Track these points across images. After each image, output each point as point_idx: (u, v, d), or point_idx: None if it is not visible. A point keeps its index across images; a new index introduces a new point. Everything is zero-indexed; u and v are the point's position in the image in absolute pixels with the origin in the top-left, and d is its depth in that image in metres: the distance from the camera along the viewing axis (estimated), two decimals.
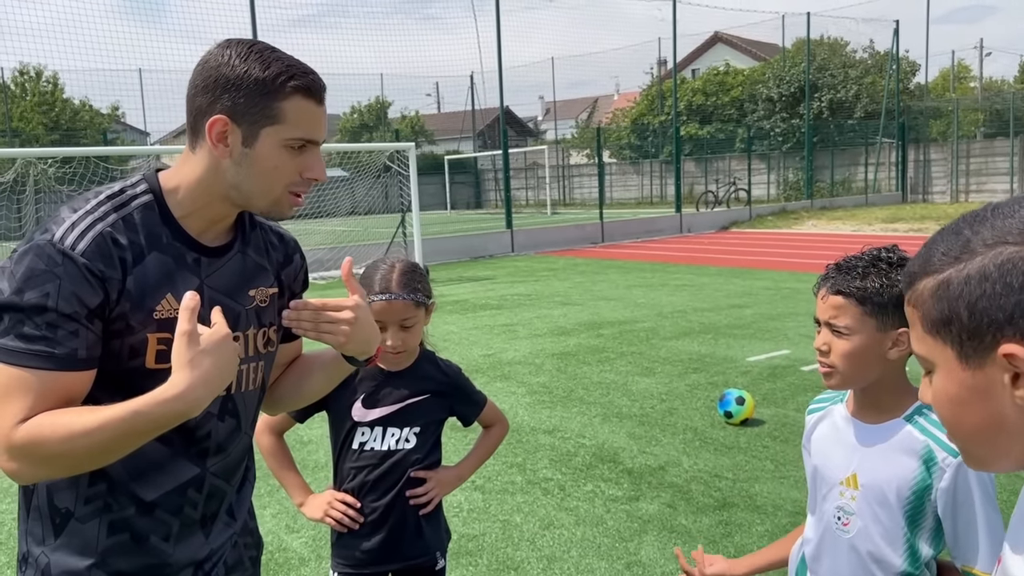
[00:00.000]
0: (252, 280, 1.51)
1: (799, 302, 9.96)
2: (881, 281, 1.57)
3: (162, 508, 1.44)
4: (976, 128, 29.21)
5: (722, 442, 5.11)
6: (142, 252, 1.35)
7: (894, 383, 1.61)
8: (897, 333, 1.56)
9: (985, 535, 1.50)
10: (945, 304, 0.79)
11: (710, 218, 22.79)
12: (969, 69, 46.94)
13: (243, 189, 1.39)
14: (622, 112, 38.90)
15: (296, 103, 1.34)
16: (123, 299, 1.33)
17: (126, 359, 1.35)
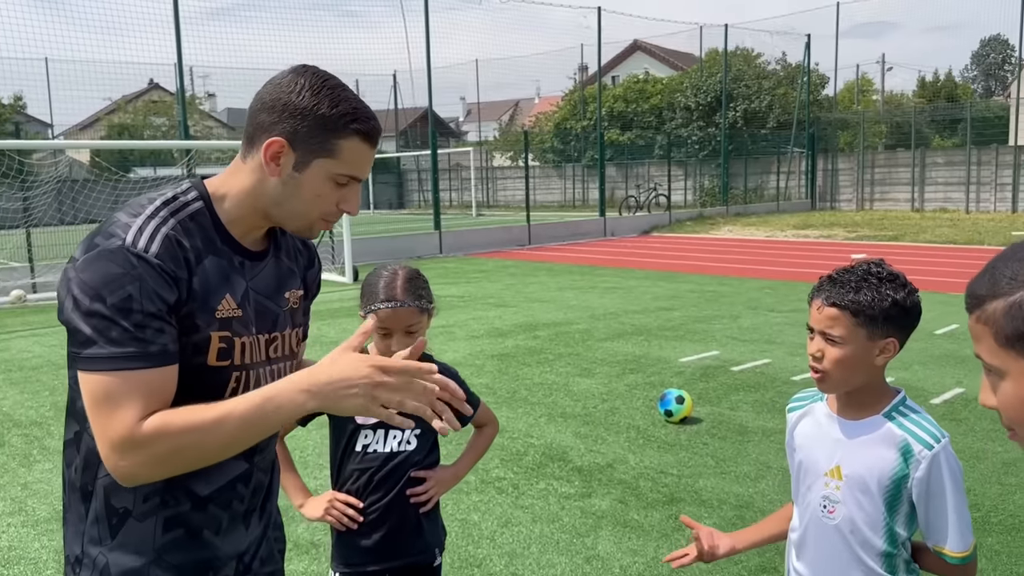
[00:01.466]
0: (286, 283, 1.61)
1: (723, 305, 10.38)
2: (872, 295, 1.71)
3: (214, 503, 1.51)
4: (879, 140, 30.80)
5: (664, 440, 5.34)
6: (200, 255, 1.43)
7: (877, 386, 1.79)
8: (884, 342, 1.72)
9: (955, 519, 1.69)
10: (1019, 322, 0.96)
11: (632, 222, 23.35)
12: (872, 83, 49.34)
13: (283, 208, 1.48)
14: (545, 116, 39.37)
15: (353, 144, 1.44)
16: (190, 299, 1.40)
17: (190, 356, 1.42)
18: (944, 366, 7.02)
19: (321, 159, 1.43)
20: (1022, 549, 3.73)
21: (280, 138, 1.42)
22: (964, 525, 1.70)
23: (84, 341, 1.32)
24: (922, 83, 48.03)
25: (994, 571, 3.54)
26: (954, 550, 1.70)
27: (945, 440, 1.72)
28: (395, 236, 18.82)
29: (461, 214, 30.85)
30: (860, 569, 1.78)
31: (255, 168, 1.46)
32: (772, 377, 6.79)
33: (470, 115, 53.43)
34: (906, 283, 1.75)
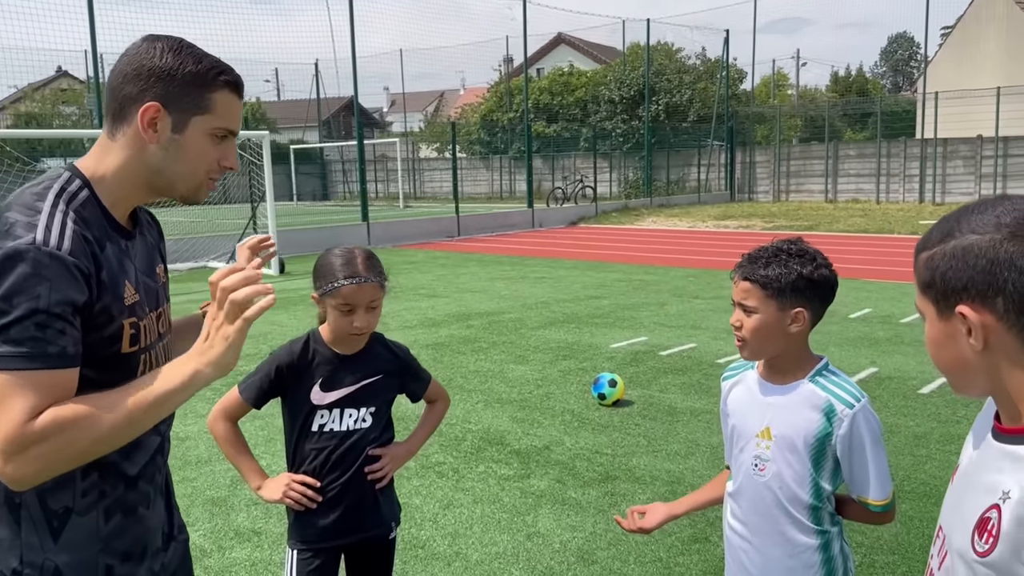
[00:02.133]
0: (154, 259, 1.63)
1: (650, 293, 10.65)
2: (780, 270, 1.86)
3: (143, 479, 1.55)
4: (795, 133, 31.87)
5: (598, 422, 5.49)
6: (101, 244, 1.42)
7: (798, 351, 1.93)
8: (794, 312, 1.87)
9: (875, 471, 1.86)
10: (929, 273, 1.11)
11: (560, 214, 23.61)
12: (787, 77, 50.96)
13: (167, 174, 1.48)
14: (471, 108, 39.34)
15: (224, 96, 1.48)
16: (101, 292, 1.39)
17: (106, 348, 1.42)
18: (858, 347, 7.39)
19: (198, 116, 1.46)
20: (932, 513, 4.00)
21: (154, 102, 1.42)
22: (884, 476, 1.87)
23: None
24: (835, 78, 49.90)
25: (908, 535, 3.79)
26: (876, 499, 1.87)
27: (864, 400, 1.87)
28: (321, 227, 18.59)
29: (388, 205, 30.61)
30: (788, 521, 1.93)
31: (129, 142, 1.45)
32: (698, 360, 7.03)
33: (394, 105, 52.98)
34: (815, 258, 1.89)
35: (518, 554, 3.68)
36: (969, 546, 1.09)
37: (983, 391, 1.13)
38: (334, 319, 2.23)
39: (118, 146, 1.46)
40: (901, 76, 64.37)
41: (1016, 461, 1.06)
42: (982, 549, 1.06)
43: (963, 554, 1.10)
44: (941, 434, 5.09)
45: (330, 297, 2.19)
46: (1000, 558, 1.03)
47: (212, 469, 4.79)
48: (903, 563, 3.53)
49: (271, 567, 3.61)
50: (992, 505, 1.05)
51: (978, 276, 1.05)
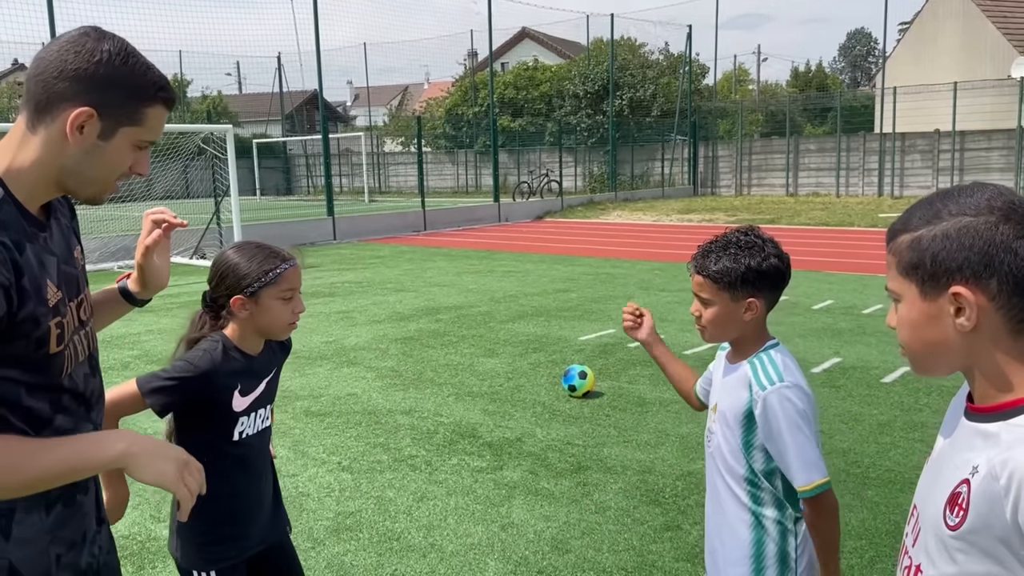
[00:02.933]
0: (71, 242, 1.58)
1: (617, 286, 10.72)
2: (729, 264, 1.95)
3: None
4: (756, 128, 32.26)
5: (569, 413, 5.53)
6: (20, 247, 1.37)
7: (754, 335, 2.01)
8: (747, 302, 1.95)
9: (793, 456, 1.87)
10: (916, 254, 1.14)
11: (526, 208, 23.64)
12: (748, 73, 51.53)
13: (81, 176, 1.44)
14: (436, 102, 39.19)
15: (157, 111, 1.46)
16: (25, 300, 1.35)
17: (34, 350, 1.40)
18: (822, 338, 7.52)
19: (127, 127, 1.43)
20: (898, 499, 4.10)
21: (88, 108, 1.38)
22: (806, 461, 1.86)
23: None
24: (795, 73, 50.55)
25: (875, 520, 3.88)
26: (798, 484, 1.88)
27: (780, 383, 1.89)
28: (286, 222, 18.41)
29: (352, 200, 30.40)
30: (728, 492, 2.02)
31: (51, 138, 1.40)
32: None
33: (358, 99, 52.55)
34: (764, 248, 1.95)
35: (493, 545, 3.70)
36: (941, 520, 1.13)
37: (951, 370, 1.17)
38: (274, 311, 2.12)
39: (37, 140, 1.40)
40: (860, 72, 65.46)
41: (987, 438, 1.10)
42: (953, 523, 1.10)
43: (936, 529, 1.14)
44: (904, 422, 5.21)
45: (271, 287, 2.09)
46: (970, 530, 1.07)
47: None
48: (871, 548, 3.61)
49: None
50: (962, 480, 1.10)
51: (974, 257, 1.08)
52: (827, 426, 5.15)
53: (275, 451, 2.27)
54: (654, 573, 3.44)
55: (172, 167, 21.61)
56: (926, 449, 4.69)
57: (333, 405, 5.84)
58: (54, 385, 1.45)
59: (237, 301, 2.09)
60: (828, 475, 1.88)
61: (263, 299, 2.09)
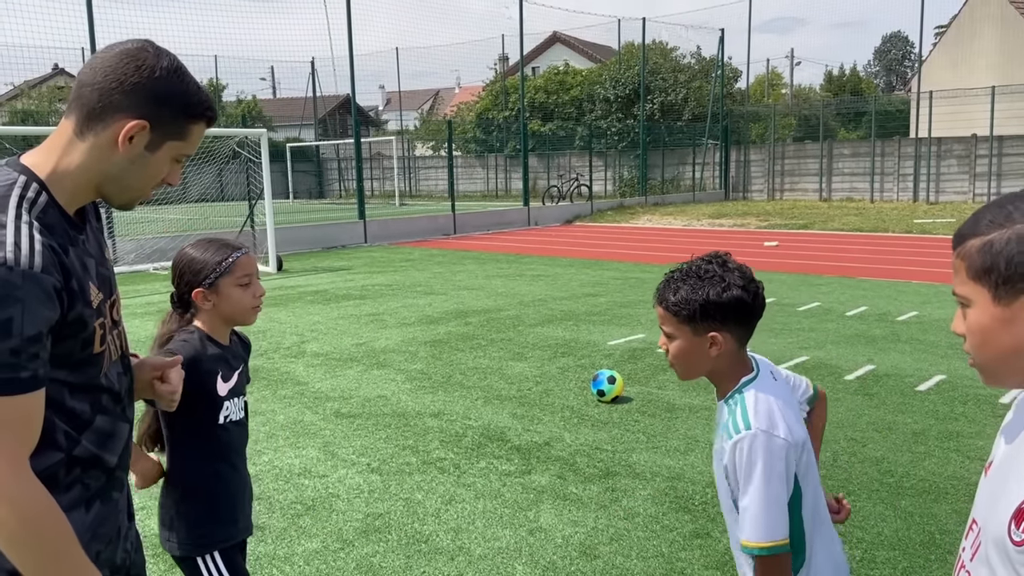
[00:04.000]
0: (102, 244, 1.62)
1: (646, 291, 10.67)
2: (688, 295, 1.78)
3: (119, 468, 1.58)
4: (789, 132, 31.94)
5: (598, 418, 5.51)
6: (65, 251, 1.40)
7: (726, 372, 1.84)
8: (709, 336, 1.79)
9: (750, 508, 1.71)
10: (988, 258, 1.11)
11: (555, 212, 23.63)
12: (781, 76, 51.08)
13: (121, 184, 1.49)
14: (466, 106, 39.32)
15: (200, 128, 1.52)
16: (74, 302, 1.38)
17: (80, 351, 1.43)
18: (855, 345, 7.42)
19: (173, 141, 1.48)
20: (932, 510, 4.03)
21: (143, 121, 1.42)
22: (759, 516, 1.70)
23: None
24: (829, 77, 50.02)
25: (908, 530, 3.82)
26: (746, 539, 1.73)
27: (749, 432, 1.72)
28: (319, 225, 18.56)
29: (383, 203, 30.59)
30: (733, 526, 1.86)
31: (99, 146, 1.43)
32: None
33: (390, 104, 52.92)
34: (724, 278, 1.78)
35: (520, 549, 3.70)
36: (1006, 536, 1.09)
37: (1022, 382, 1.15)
38: (235, 298, 2.22)
39: (85, 147, 1.43)
40: (895, 75, 64.58)
41: None
42: (1019, 538, 1.07)
43: (999, 544, 1.11)
44: (939, 431, 5.13)
45: (227, 275, 2.20)
46: None
47: None
48: (904, 558, 3.56)
49: (275, 561, 3.62)
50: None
51: None
52: (859, 434, 5.09)
53: None
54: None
55: (208, 171, 21.93)
56: (962, 459, 4.62)
57: (363, 407, 5.88)
58: (93, 385, 1.48)
59: (198, 294, 2.20)
60: (787, 538, 1.73)
61: (222, 288, 2.20)
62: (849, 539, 3.71)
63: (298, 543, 3.80)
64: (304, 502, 4.26)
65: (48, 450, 1.41)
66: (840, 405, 5.66)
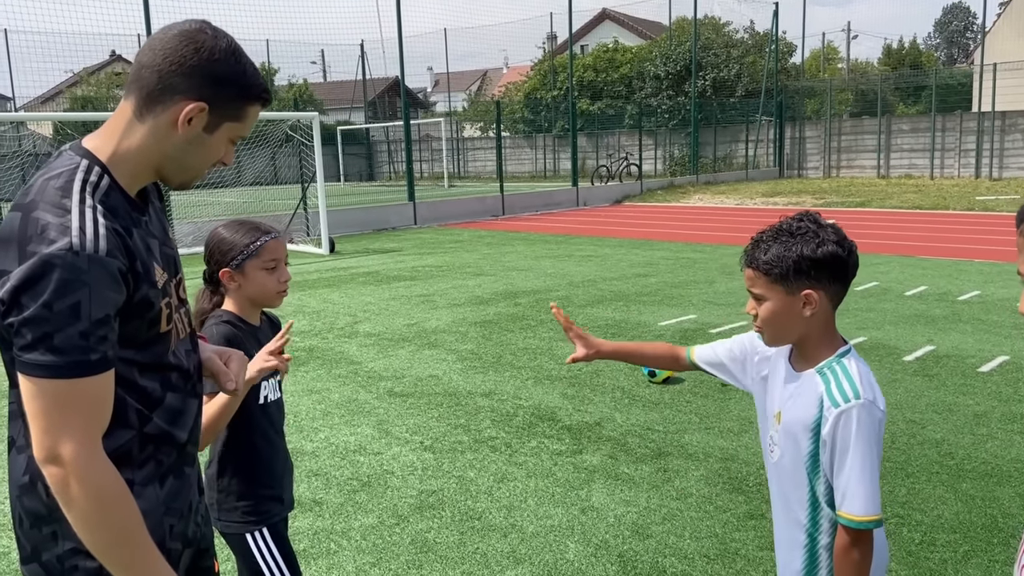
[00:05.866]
0: (164, 225, 1.64)
1: (698, 271, 10.56)
2: (781, 251, 1.74)
3: (189, 443, 1.61)
4: (845, 107, 31.14)
5: (649, 399, 5.50)
6: (129, 233, 1.42)
7: (818, 337, 1.80)
8: (803, 295, 1.75)
9: (856, 479, 1.67)
10: None
11: (604, 192, 23.46)
12: (837, 51, 49.73)
13: (180, 164, 1.50)
14: (514, 86, 39.17)
15: (255, 109, 1.53)
16: (140, 284, 1.41)
17: (147, 330, 1.46)
18: (915, 325, 7.25)
19: (230, 123, 1.50)
20: (995, 493, 3.94)
21: (202, 102, 1.44)
22: (866, 489, 1.68)
23: (25, 346, 1.30)
24: (887, 51, 48.54)
25: (969, 513, 3.74)
26: (847, 510, 1.69)
27: (859, 401, 1.70)
28: (369, 207, 18.74)
29: (432, 185, 30.74)
30: (786, 508, 1.87)
31: (158, 127, 1.45)
32: None
33: (438, 85, 53.00)
34: (818, 235, 1.75)
35: (573, 527, 3.72)
36: None
37: None
38: (260, 281, 2.23)
39: (144, 129, 1.45)
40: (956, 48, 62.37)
41: None
42: None
43: None
44: (1002, 413, 4.99)
45: (254, 258, 2.21)
46: None
47: None
48: (965, 542, 3.49)
49: (333, 535, 3.70)
50: None
51: None
52: (919, 416, 4.98)
53: None
54: (737, 561, 3.41)
55: (261, 154, 22.29)
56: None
57: (415, 386, 5.95)
58: (163, 364, 1.52)
59: (225, 274, 2.22)
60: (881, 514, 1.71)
61: (248, 270, 2.22)
62: (908, 521, 3.65)
63: (355, 518, 3.88)
64: (360, 478, 4.35)
65: (121, 429, 1.45)
66: (899, 386, 5.54)
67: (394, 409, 5.47)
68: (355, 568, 3.43)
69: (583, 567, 3.38)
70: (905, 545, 3.46)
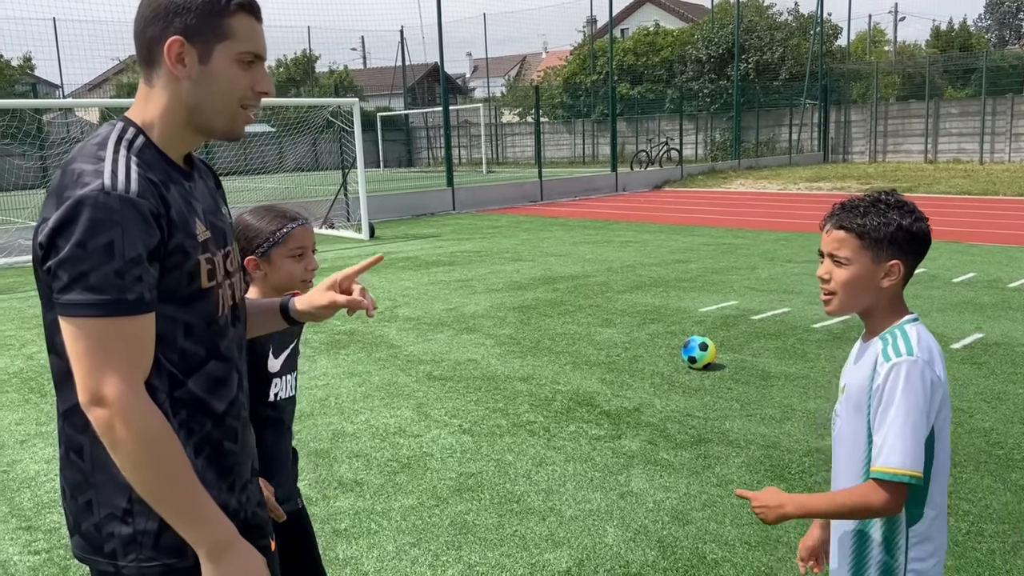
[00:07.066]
0: (217, 202, 1.63)
1: (739, 257, 10.43)
2: (879, 219, 1.76)
3: (229, 415, 1.58)
4: (892, 91, 30.42)
5: (689, 385, 5.46)
6: (166, 186, 1.43)
7: (885, 309, 1.82)
8: (889, 265, 1.77)
9: (896, 433, 1.66)
10: None
11: (644, 177, 23.27)
12: (884, 33, 48.57)
13: (204, 109, 1.48)
14: (553, 71, 38.96)
15: (242, 20, 1.46)
16: (174, 231, 1.41)
17: (186, 286, 1.45)
18: (963, 312, 7.09)
19: (220, 43, 1.45)
20: None
21: (176, 36, 1.43)
22: (905, 444, 1.65)
23: (63, 287, 1.31)
24: (936, 33, 47.24)
25: (1019, 504, 3.66)
26: (884, 464, 1.66)
27: (910, 358, 1.69)
28: (408, 193, 18.83)
29: (471, 171, 30.76)
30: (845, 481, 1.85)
31: (165, 83, 1.46)
32: (792, 325, 6.88)
33: (477, 71, 52.94)
34: (914, 210, 1.78)
35: (612, 512, 3.72)
36: None
37: None
38: (286, 269, 2.17)
39: (157, 91, 1.47)
40: (1008, 29, 60.50)
41: None
42: None
43: None
44: None
45: (280, 246, 2.15)
46: None
47: (315, 423, 4.98)
48: (1014, 532, 3.41)
49: (373, 516, 3.75)
50: None
51: None
52: (967, 404, 4.88)
53: None
54: (779, 548, 3.38)
55: (303, 140, 22.51)
56: None
57: (454, 370, 5.98)
58: (210, 325, 1.51)
59: (251, 261, 2.16)
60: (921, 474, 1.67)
61: (274, 258, 2.16)
62: (955, 511, 3.58)
63: (395, 499, 3.92)
64: (400, 460, 4.39)
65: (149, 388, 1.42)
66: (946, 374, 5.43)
67: (433, 392, 5.50)
68: (395, 548, 3.47)
69: (622, 551, 3.38)
70: (952, 535, 3.39)
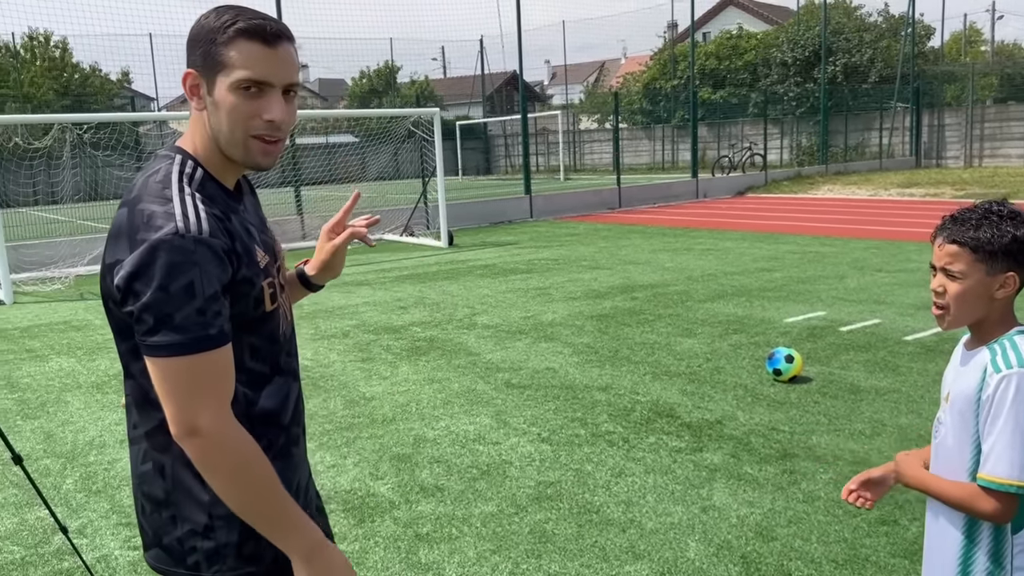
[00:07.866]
0: (262, 216, 1.68)
1: (827, 265, 10.13)
2: (992, 232, 1.75)
3: (294, 424, 1.65)
4: (989, 93, 29.11)
5: (773, 398, 5.32)
6: (228, 217, 1.49)
7: (997, 319, 1.80)
8: (1004, 277, 1.75)
9: (1006, 443, 1.65)
10: None
11: (726, 183, 22.87)
12: (981, 33, 46.54)
13: (220, 138, 1.50)
14: (632, 76, 38.71)
15: (240, 47, 1.44)
16: (240, 264, 1.46)
17: (252, 310, 1.51)
18: None
19: (219, 75, 1.46)
20: None
21: (190, 69, 1.48)
22: (1015, 453, 1.65)
23: (148, 330, 1.37)
24: None
25: None
26: (992, 473, 1.67)
27: (1021, 370, 1.68)
28: (487, 200, 18.96)
29: (548, 178, 30.80)
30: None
31: (196, 114, 1.52)
32: (883, 337, 6.64)
33: (555, 78, 53.02)
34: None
35: (694, 526, 3.65)
36: None
37: None
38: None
39: (195, 119, 1.53)
40: None
41: None
42: None
43: None
44: None
45: None
46: None
47: (397, 427, 5.05)
48: None
49: (454, 521, 3.78)
50: None
51: None
52: None
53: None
54: (867, 568, 3.26)
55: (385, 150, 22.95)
56: None
57: (532, 378, 5.98)
58: (273, 344, 1.58)
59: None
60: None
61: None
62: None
63: (475, 505, 3.94)
64: (479, 467, 4.41)
65: None
66: None
67: (512, 400, 5.52)
68: (476, 554, 3.48)
69: (704, 566, 3.32)
70: None
